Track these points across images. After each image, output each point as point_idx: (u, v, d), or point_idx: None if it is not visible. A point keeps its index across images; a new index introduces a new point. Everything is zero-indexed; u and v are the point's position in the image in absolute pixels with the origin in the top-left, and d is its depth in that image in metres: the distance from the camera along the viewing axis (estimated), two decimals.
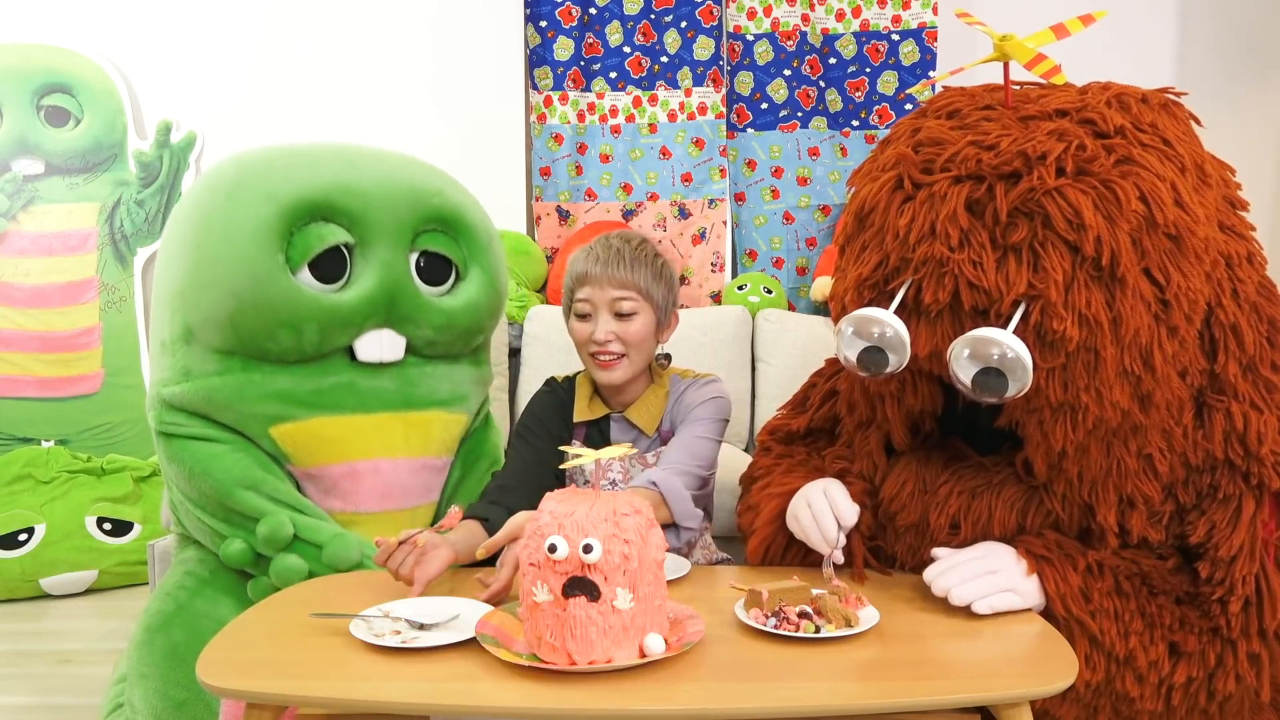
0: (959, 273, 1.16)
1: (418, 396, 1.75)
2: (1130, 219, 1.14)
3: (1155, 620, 1.23)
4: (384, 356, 1.71)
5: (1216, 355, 1.27)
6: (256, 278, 1.60)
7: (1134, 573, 1.26)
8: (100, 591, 2.79)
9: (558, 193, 3.20)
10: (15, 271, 2.86)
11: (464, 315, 1.78)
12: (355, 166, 1.73)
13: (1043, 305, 1.13)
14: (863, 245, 1.27)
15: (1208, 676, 1.23)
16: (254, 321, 1.62)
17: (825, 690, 1.04)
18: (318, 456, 1.68)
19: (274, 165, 1.71)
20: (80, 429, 2.88)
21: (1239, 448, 1.25)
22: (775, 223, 3.22)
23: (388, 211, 1.70)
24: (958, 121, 1.26)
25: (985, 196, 1.16)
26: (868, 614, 1.19)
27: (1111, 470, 1.23)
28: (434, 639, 1.15)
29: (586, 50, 3.16)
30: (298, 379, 1.67)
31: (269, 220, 1.62)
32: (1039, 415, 1.20)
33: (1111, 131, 1.19)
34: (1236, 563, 1.22)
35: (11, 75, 2.90)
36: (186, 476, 1.67)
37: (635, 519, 1.08)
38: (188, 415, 1.67)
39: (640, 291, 1.60)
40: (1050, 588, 1.22)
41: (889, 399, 1.32)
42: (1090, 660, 1.21)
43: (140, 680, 1.63)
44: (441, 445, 1.80)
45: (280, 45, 3.12)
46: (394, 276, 1.70)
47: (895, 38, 3.13)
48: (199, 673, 1.09)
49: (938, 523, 1.31)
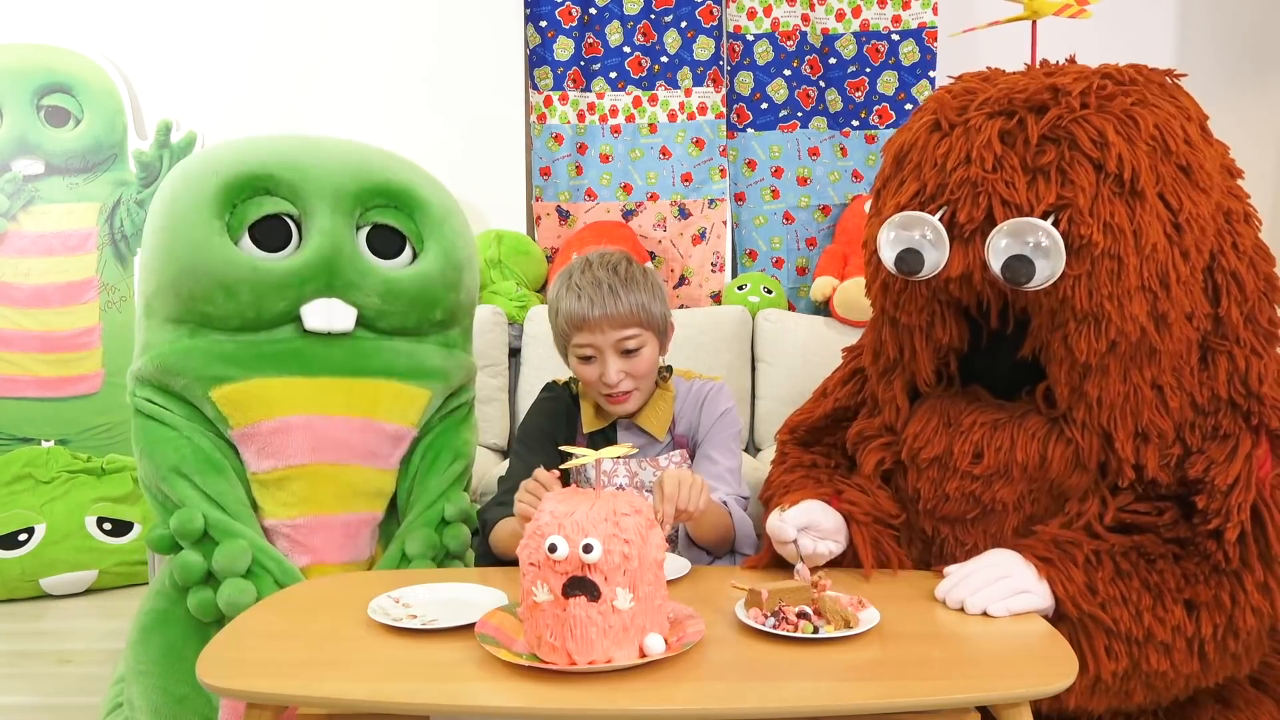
0: (993, 191, 1.25)
1: (368, 366, 1.73)
2: (1147, 143, 1.23)
3: (1161, 587, 1.25)
4: (332, 325, 1.70)
5: (1220, 300, 1.33)
6: (195, 243, 1.65)
7: (1128, 548, 1.28)
8: (100, 591, 2.78)
9: (558, 193, 3.20)
10: (15, 271, 2.86)
11: (411, 282, 1.75)
12: (305, 146, 1.78)
13: (1071, 214, 1.22)
14: (900, 181, 1.36)
15: (1228, 619, 1.25)
16: (193, 285, 1.66)
17: (825, 690, 1.04)
18: (251, 415, 1.66)
19: (228, 146, 1.79)
20: (80, 429, 2.88)
21: (1241, 388, 1.32)
22: (775, 223, 3.22)
23: (327, 182, 1.72)
24: (989, 81, 1.37)
25: (1016, 128, 1.27)
26: (868, 614, 1.19)
27: (1129, 396, 1.29)
28: (453, 619, 1.19)
29: (586, 50, 3.16)
30: (243, 345, 1.69)
31: (209, 191, 1.68)
32: (1063, 330, 1.27)
33: (1127, 81, 1.30)
34: (1233, 492, 1.26)
35: (11, 75, 2.89)
36: (139, 455, 1.70)
37: (635, 519, 1.08)
38: (152, 388, 1.69)
39: (640, 322, 1.58)
40: (1059, 590, 1.24)
41: (918, 332, 1.39)
42: (1111, 651, 1.24)
43: (139, 678, 1.63)
44: (394, 411, 1.75)
45: (280, 45, 3.12)
46: (334, 243, 1.69)
47: (895, 38, 3.13)
48: (199, 673, 1.09)
49: (961, 451, 1.37)
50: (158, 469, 1.64)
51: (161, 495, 1.65)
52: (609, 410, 1.65)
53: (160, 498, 1.65)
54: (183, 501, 1.61)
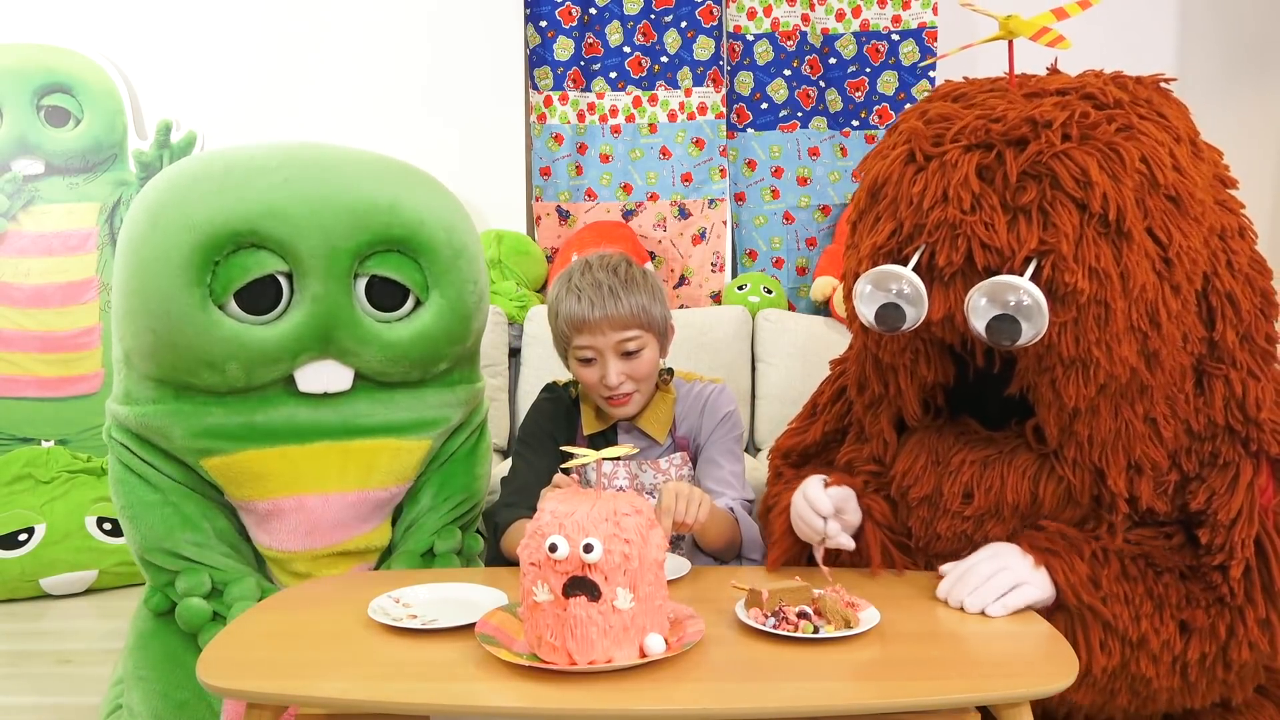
0: (972, 234, 1.19)
1: (365, 425, 1.62)
2: (1133, 178, 1.18)
3: (1163, 599, 1.24)
4: (328, 388, 1.58)
5: (1214, 323, 1.30)
6: (172, 314, 1.49)
7: (1137, 554, 1.27)
8: (100, 591, 2.78)
9: (558, 193, 3.20)
10: (15, 271, 2.86)
11: (415, 346, 1.61)
12: (290, 185, 1.54)
13: (1054, 260, 1.17)
14: (876, 217, 1.30)
15: (1220, 649, 1.24)
16: (174, 358, 1.52)
17: (825, 690, 1.04)
18: (246, 490, 1.59)
19: (199, 186, 1.54)
20: (80, 429, 2.88)
21: (1238, 413, 1.28)
22: (775, 223, 3.22)
23: (320, 238, 1.52)
24: (964, 102, 1.31)
25: (995, 163, 1.20)
26: (868, 615, 1.19)
27: (1120, 433, 1.25)
28: (453, 619, 1.18)
29: (586, 50, 3.16)
30: (231, 411, 1.56)
31: (186, 253, 1.48)
32: (1051, 374, 1.23)
33: (1111, 103, 1.24)
34: (1236, 526, 1.23)
35: (11, 75, 2.89)
36: (120, 512, 1.64)
37: (636, 519, 1.08)
38: (133, 438, 1.61)
39: (641, 324, 1.57)
40: (1059, 578, 1.23)
41: (902, 370, 1.34)
42: (1105, 646, 1.23)
43: (138, 682, 1.63)
44: (389, 475, 1.65)
45: (280, 46, 3.12)
46: (328, 309, 1.53)
47: (895, 38, 3.13)
48: (199, 673, 1.09)
49: (950, 492, 1.33)
50: (145, 541, 1.60)
51: (153, 566, 1.62)
52: (609, 413, 1.64)
53: (151, 568, 1.63)
54: (176, 567, 1.60)
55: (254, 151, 1.61)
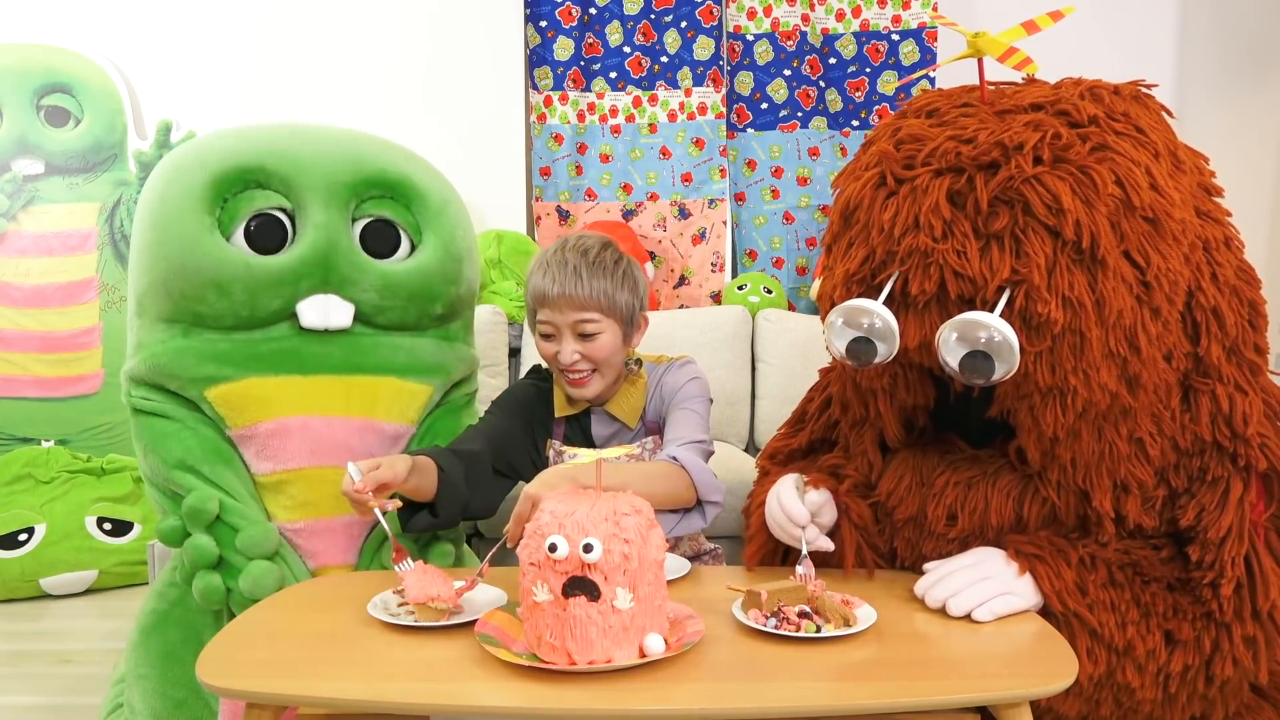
0: (944, 262, 1.17)
1: (367, 364, 1.71)
2: (1107, 203, 1.15)
3: (1150, 609, 1.24)
4: (329, 322, 1.68)
5: (1199, 339, 1.28)
6: (185, 240, 1.63)
7: (1125, 563, 1.27)
8: (100, 591, 2.79)
9: (558, 193, 3.20)
10: (15, 271, 2.86)
11: (410, 277, 1.72)
12: (297, 136, 1.73)
13: (1027, 290, 1.15)
14: (849, 242, 1.28)
15: (1204, 663, 1.23)
16: (184, 284, 1.63)
17: (825, 690, 1.04)
18: (248, 416, 1.64)
19: (215, 140, 1.74)
20: (80, 429, 2.88)
21: (1226, 429, 1.26)
22: (775, 223, 3.22)
23: (322, 174, 1.68)
24: (936, 119, 1.28)
25: (966, 187, 1.18)
26: (864, 612, 1.19)
27: (1104, 455, 1.24)
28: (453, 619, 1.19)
29: (586, 50, 3.16)
30: (237, 344, 1.66)
31: (198, 186, 1.65)
32: (1029, 401, 1.21)
33: (1085, 121, 1.21)
34: (1226, 544, 1.23)
35: (11, 75, 2.90)
36: (142, 453, 1.68)
37: (635, 519, 1.08)
38: (147, 388, 1.67)
39: (601, 309, 1.57)
40: (1045, 585, 1.22)
41: (881, 395, 1.33)
42: (1091, 653, 1.22)
43: (138, 681, 1.63)
44: (393, 410, 1.72)
45: (280, 45, 3.12)
46: (329, 238, 1.66)
47: (895, 38, 3.13)
48: (199, 672, 1.09)
49: (935, 514, 1.32)
50: (164, 462, 1.63)
51: (169, 489, 1.63)
52: (569, 392, 1.64)
53: (168, 491, 1.64)
54: (190, 489, 1.60)
55: (265, 124, 1.82)
